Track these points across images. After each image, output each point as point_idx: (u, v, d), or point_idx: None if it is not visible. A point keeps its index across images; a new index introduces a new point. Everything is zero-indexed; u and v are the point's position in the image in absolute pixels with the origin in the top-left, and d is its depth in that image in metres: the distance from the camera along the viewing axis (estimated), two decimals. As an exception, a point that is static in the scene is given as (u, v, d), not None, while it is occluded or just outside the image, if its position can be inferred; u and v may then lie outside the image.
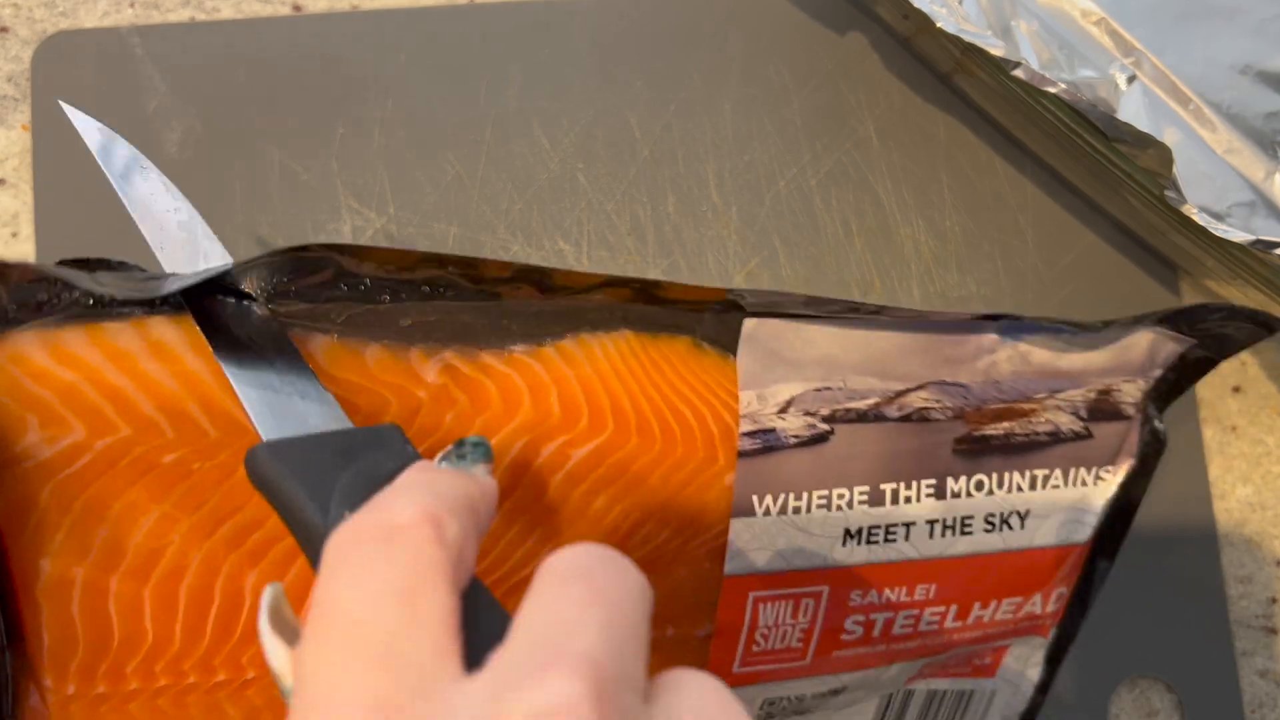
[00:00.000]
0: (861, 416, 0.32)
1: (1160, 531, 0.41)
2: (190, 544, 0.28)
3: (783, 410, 0.32)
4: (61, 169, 0.40)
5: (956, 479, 0.33)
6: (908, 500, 0.33)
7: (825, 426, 0.32)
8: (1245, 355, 0.42)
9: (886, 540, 0.33)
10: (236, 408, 0.27)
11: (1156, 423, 0.35)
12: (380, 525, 0.19)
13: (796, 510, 0.32)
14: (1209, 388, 0.42)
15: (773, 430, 0.32)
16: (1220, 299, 0.42)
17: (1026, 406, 0.34)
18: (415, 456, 0.24)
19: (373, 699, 0.16)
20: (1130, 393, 0.34)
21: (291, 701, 0.18)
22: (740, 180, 0.42)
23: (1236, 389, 0.42)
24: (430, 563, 0.18)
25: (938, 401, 0.33)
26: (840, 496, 0.32)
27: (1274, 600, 0.41)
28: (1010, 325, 0.33)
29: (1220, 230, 0.35)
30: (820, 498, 0.32)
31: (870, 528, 0.33)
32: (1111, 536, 0.36)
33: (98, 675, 0.28)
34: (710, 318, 0.32)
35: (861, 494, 0.33)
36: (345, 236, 0.40)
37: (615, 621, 0.18)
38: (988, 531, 0.34)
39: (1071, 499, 0.34)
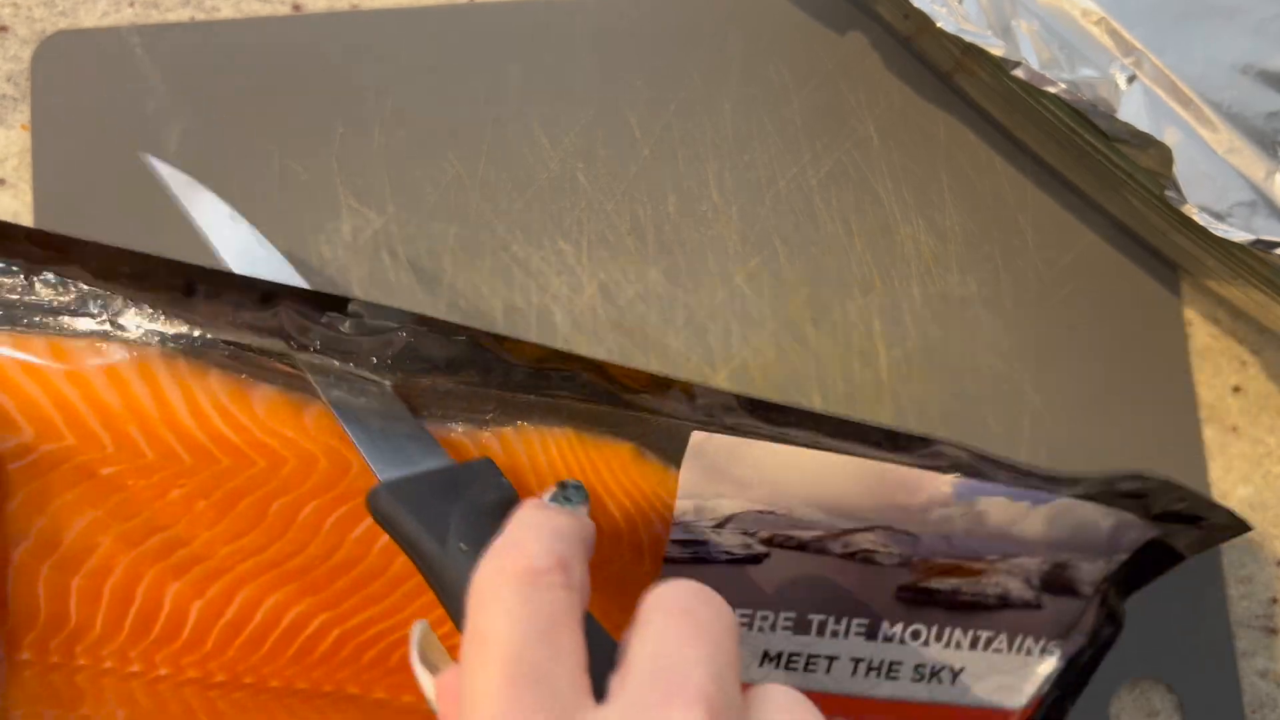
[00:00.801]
0: (802, 546, 0.32)
1: (1161, 532, 0.41)
2: (119, 549, 0.30)
3: (720, 525, 0.31)
4: (61, 169, 0.40)
5: (893, 624, 0.33)
6: (834, 635, 0.33)
7: (762, 549, 0.32)
8: (1246, 355, 0.42)
9: (806, 670, 0.33)
10: (173, 437, 0.30)
11: (1115, 604, 0.34)
12: (521, 570, 0.22)
13: None
14: (1209, 388, 0.42)
15: (705, 543, 0.31)
16: (1223, 299, 0.42)
17: (977, 566, 0.33)
18: (511, 490, 0.27)
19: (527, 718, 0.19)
20: (1089, 572, 0.34)
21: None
22: (740, 180, 0.42)
23: (1237, 389, 0.42)
24: (565, 605, 0.21)
25: (884, 546, 0.32)
26: (764, 618, 0.32)
27: (1275, 600, 0.41)
28: (966, 486, 0.32)
29: (1221, 230, 0.35)
30: (743, 615, 0.32)
31: (790, 654, 0.33)
32: (1056, 708, 0.35)
33: (23, 644, 0.31)
34: (656, 426, 0.31)
35: (787, 620, 0.32)
36: (345, 236, 0.40)
37: (717, 656, 0.21)
38: (915, 680, 0.33)
39: (1012, 665, 0.34)
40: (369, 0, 0.42)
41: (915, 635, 0.33)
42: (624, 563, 0.32)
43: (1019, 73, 0.36)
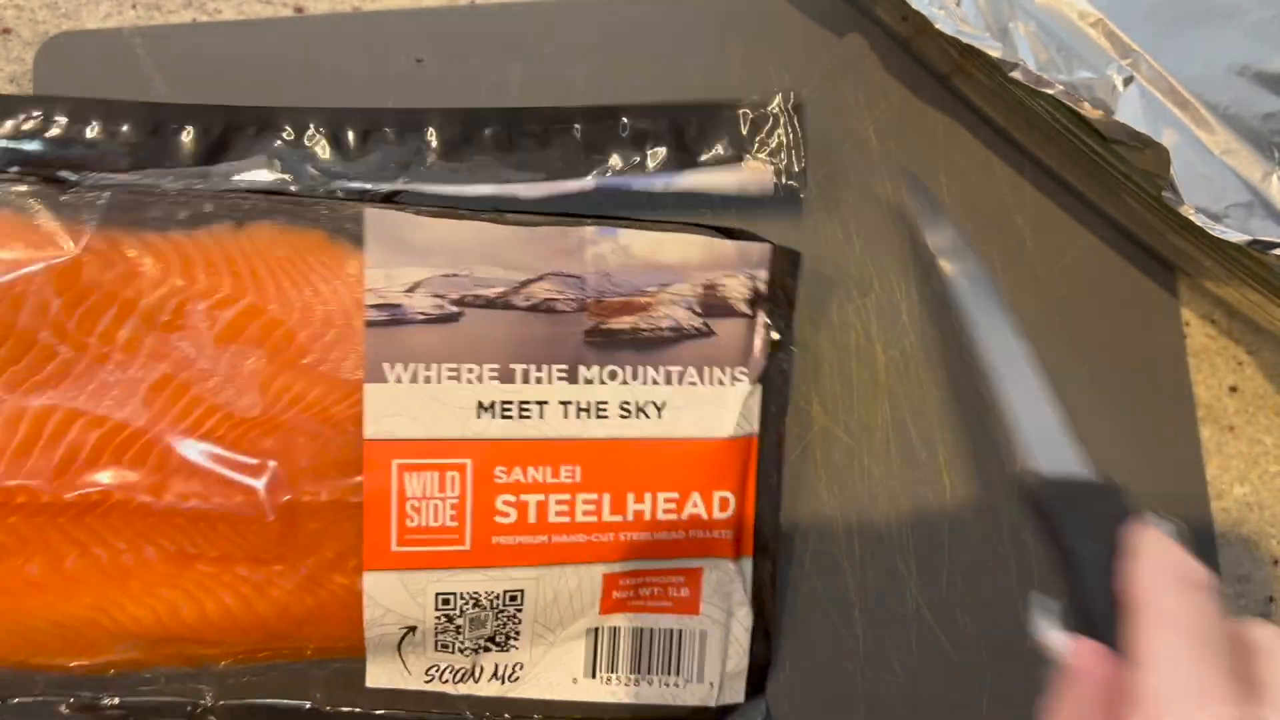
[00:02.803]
0: (490, 303, 0.36)
1: (1158, 531, 0.41)
2: None
3: (410, 290, 0.36)
4: (64, 169, 0.40)
5: (589, 366, 0.37)
6: (539, 380, 0.36)
7: (454, 308, 0.36)
8: (1242, 355, 0.43)
9: (521, 415, 0.36)
10: None
11: (778, 325, 0.38)
12: (1194, 578, 0.27)
13: (428, 379, 0.36)
14: (1206, 388, 0.42)
15: (399, 305, 0.35)
16: (1220, 299, 0.42)
17: (642, 300, 0.37)
18: (1127, 507, 0.31)
19: (1225, 697, 0.24)
20: (735, 288, 0.38)
21: (1062, 670, 0.27)
22: (740, 180, 0.42)
23: (1234, 389, 0.42)
24: (1221, 616, 0.26)
25: (560, 292, 0.37)
26: (470, 371, 0.36)
27: (1271, 600, 0.41)
28: (607, 225, 0.37)
29: (1217, 231, 0.35)
30: (450, 370, 0.36)
31: (503, 402, 0.36)
32: (764, 447, 0.38)
33: None
34: (346, 213, 0.36)
35: (492, 371, 0.36)
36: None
37: None
38: (624, 418, 0.37)
39: (709, 396, 0.37)
40: (370, 2, 0.42)
41: (613, 375, 0.37)
42: (336, 331, 0.36)
43: (1017, 74, 0.36)
